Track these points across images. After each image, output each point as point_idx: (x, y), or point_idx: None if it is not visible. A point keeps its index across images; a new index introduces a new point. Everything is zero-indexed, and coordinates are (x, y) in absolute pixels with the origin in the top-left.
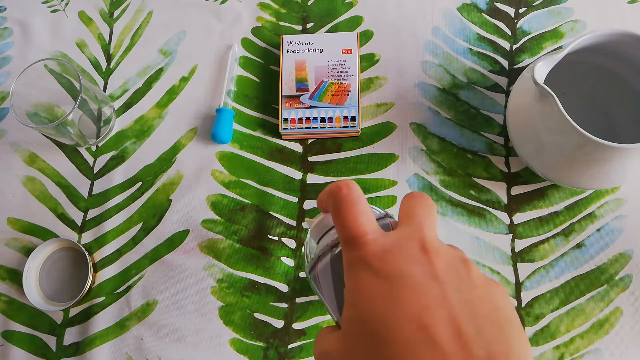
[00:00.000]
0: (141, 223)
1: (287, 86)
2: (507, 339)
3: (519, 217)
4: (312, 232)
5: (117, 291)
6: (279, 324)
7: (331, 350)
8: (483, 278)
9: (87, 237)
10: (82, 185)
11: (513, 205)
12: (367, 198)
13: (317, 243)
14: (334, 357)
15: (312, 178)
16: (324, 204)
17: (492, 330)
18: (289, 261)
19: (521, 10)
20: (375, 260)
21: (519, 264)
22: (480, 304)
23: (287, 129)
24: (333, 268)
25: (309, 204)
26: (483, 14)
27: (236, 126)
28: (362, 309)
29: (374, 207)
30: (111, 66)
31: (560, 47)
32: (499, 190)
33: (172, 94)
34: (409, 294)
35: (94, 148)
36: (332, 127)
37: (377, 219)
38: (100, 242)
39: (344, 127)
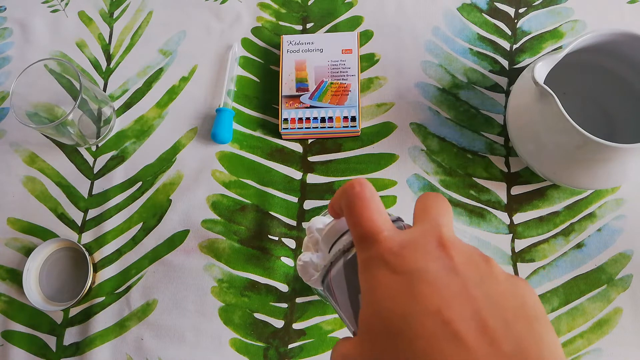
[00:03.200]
0: (141, 223)
1: (287, 86)
2: (537, 333)
3: (519, 217)
4: (324, 240)
5: (117, 291)
6: (279, 324)
7: (349, 353)
8: (506, 274)
9: (87, 237)
10: (82, 185)
11: (513, 205)
12: None
13: (329, 252)
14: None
15: (312, 178)
16: (336, 207)
17: (521, 325)
18: (289, 261)
19: (521, 10)
20: (391, 256)
21: (519, 264)
22: (505, 299)
23: (287, 129)
24: (347, 273)
25: (309, 204)
26: (483, 14)
27: (236, 126)
28: (379, 306)
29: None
30: (111, 66)
31: (560, 47)
32: (499, 190)
33: (172, 94)
34: (428, 288)
35: (94, 148)
36: (332, 127)
37: None
38: (100, 242)
39: (344, 127)
